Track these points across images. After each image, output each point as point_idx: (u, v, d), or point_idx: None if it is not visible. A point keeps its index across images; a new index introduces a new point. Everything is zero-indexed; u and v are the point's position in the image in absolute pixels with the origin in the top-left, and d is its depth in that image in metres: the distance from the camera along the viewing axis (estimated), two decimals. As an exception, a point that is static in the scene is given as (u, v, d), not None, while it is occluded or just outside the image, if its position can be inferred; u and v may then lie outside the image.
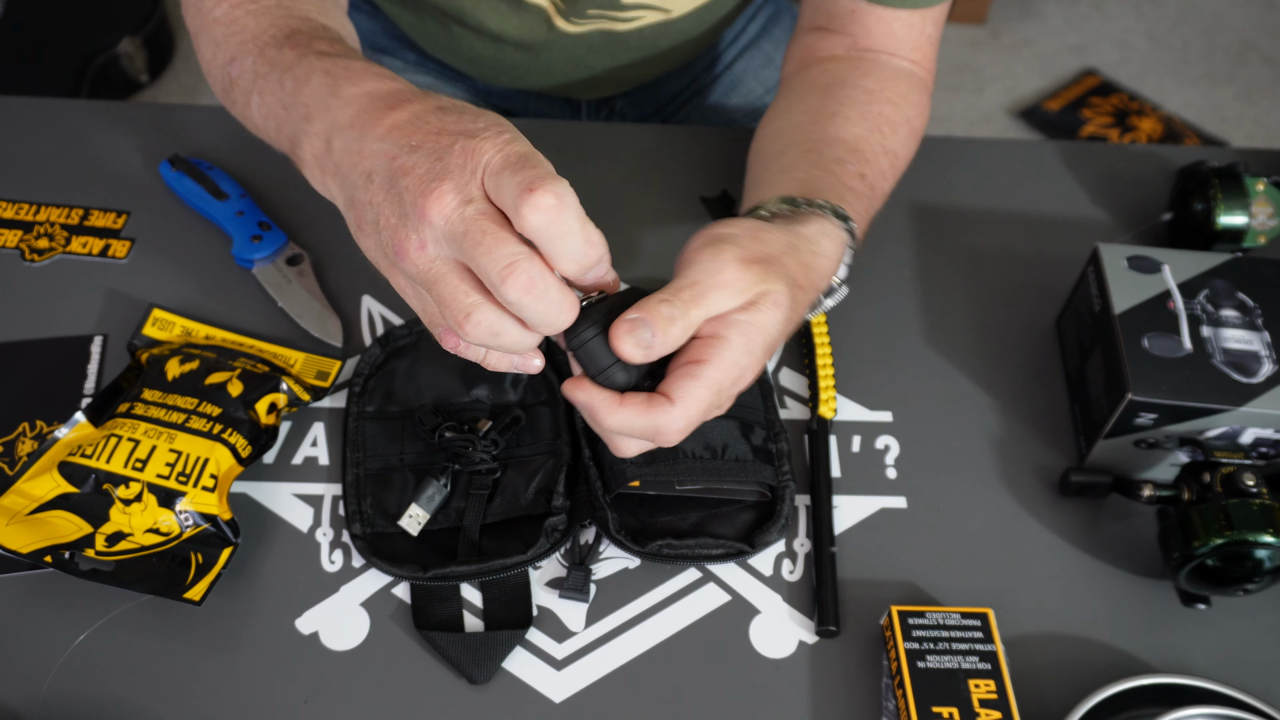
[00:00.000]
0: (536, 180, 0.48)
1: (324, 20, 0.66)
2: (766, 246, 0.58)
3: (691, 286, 0.54)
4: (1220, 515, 0.64)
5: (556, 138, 0.91)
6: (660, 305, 0.53)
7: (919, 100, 0.77)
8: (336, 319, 0.78)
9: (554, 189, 0.48)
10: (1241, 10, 2.36)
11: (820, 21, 0.80)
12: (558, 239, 0.49)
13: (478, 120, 0.52)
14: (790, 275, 0.58)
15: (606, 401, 0.55)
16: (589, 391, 0.55)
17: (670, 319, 0.53)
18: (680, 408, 0.54)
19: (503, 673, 0.65)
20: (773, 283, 0.56)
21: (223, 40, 0.66)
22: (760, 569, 0.69)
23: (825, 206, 0.64)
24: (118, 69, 2.03)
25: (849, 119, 0.72)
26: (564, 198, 0.48)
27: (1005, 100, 2.18)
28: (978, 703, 0.60)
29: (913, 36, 0.77)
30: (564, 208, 0.48)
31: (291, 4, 0.66)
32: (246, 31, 0.65)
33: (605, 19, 0.87)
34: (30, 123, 0.89)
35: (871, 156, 0.70)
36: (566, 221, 0.48)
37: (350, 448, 0.71)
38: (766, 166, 0.72)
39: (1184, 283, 0.72)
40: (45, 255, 0.81)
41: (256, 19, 0.65)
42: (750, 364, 0.56)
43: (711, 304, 0.55)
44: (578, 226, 0.49)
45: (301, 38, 0.62)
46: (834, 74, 0.76)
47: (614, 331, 0.53)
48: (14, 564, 0.66)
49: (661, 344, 0.53)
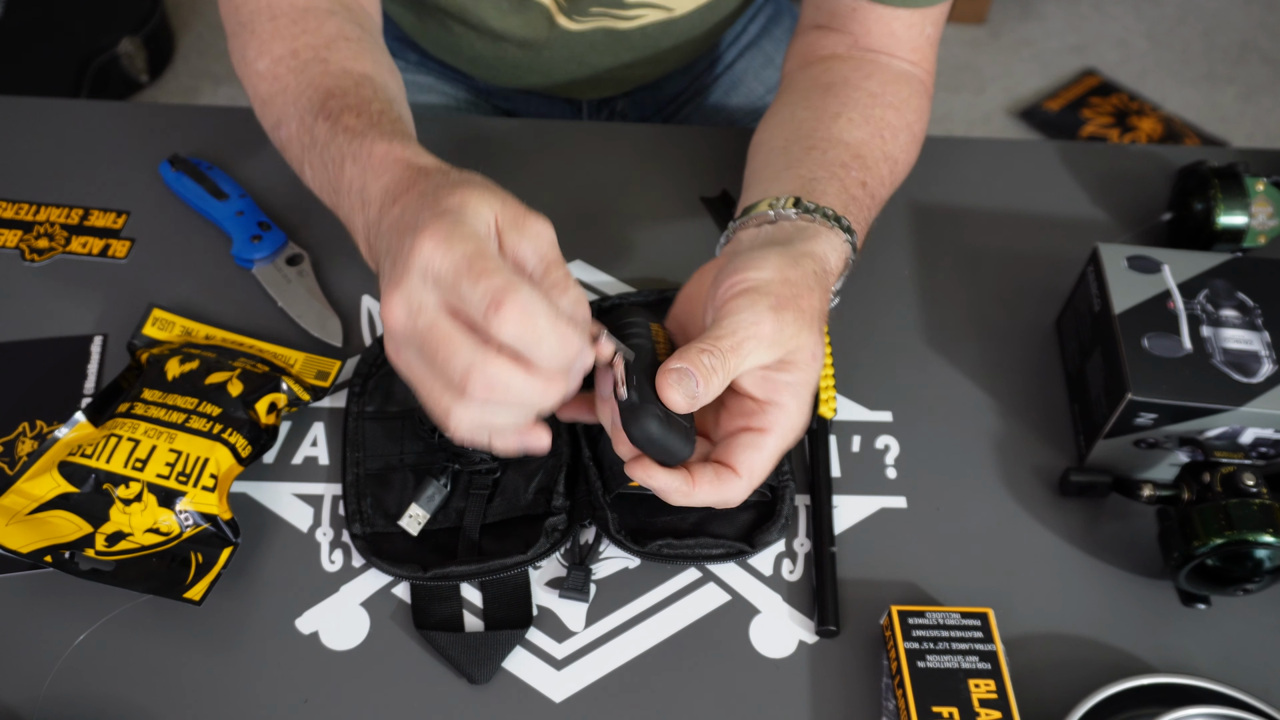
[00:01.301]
0: (500, 294, 0.49)
1: (358, 66, 0.68)
2: (795, 290, 0.59)
3: (731, 336, 0.56)
4: (1220, 515, 0.64)
5: (557, 137, 0.91)
6: (701, 355, 0.54)
7: (919, 105, 0.77)
8: (336, 319, 0.78)
9: (517, 301, 0.49)
10: (1241, 10, 2.36)
11: (821, 20, 0.80)
12: (533, 345, 0.50)
13: (436, 204, 0.53)
14: (817, 314, 0.59)
15: (681, 486, 0.56)
16: (659, 476, 0.56)
17: (712, 369, 0.54)
18: (746, 479, 0.57)
19: (503, 673, 0.65)
20: (806, 334, 0.58)
21: (268, 99, 0.70)
22: (760, 569, 0.69)
23: (831, 217, 0.64)
24: (118, 69, 2.03)
25: (852, 121, 0.72)
26: (529, 306, 0.49)
27: (1005, 100, 2.18)
28: (978, 703, 0.60)
29: (912, 36, 0.78)
30: (532, 316, 0.49)
31: (329, 54, 0.69)
32: (289, 92, 0.68)
33: (607, 16, 0.87)
34: (30, 123, 0.90)
35: (873, 163, 0.71)
36: (538, 328, 0.50)
37: (350, 448, 0.71)
38: (769, 160, 0.72)
39: (1184, 283, 0.72)
40: (45, 255, 0.81)
41: (296, 76, 0.68)
42: (802, 422, 0.59)
43: (748, 355, 0.56)
44: (549, 327, 0.50)
45: (334, 104, 0.65)
46: (836, 73, 0.76)
47: (660, 381, 0.54)
48: (14, 564, 0.66)
49: (704, 394, 0.54)
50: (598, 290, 0.81)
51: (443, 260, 0.50)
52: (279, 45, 0.70)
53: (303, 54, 0.69)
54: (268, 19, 0.71)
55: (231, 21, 0.74)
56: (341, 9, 0.73)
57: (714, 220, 0.86)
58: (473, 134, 0.88)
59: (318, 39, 0.70)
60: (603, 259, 0.83)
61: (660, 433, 0.54)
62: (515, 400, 0.51)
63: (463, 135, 0.87)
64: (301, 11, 0.71)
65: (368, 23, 0.76)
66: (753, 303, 0.57)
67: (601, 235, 0.84)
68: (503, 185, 0.55)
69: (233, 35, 0.74)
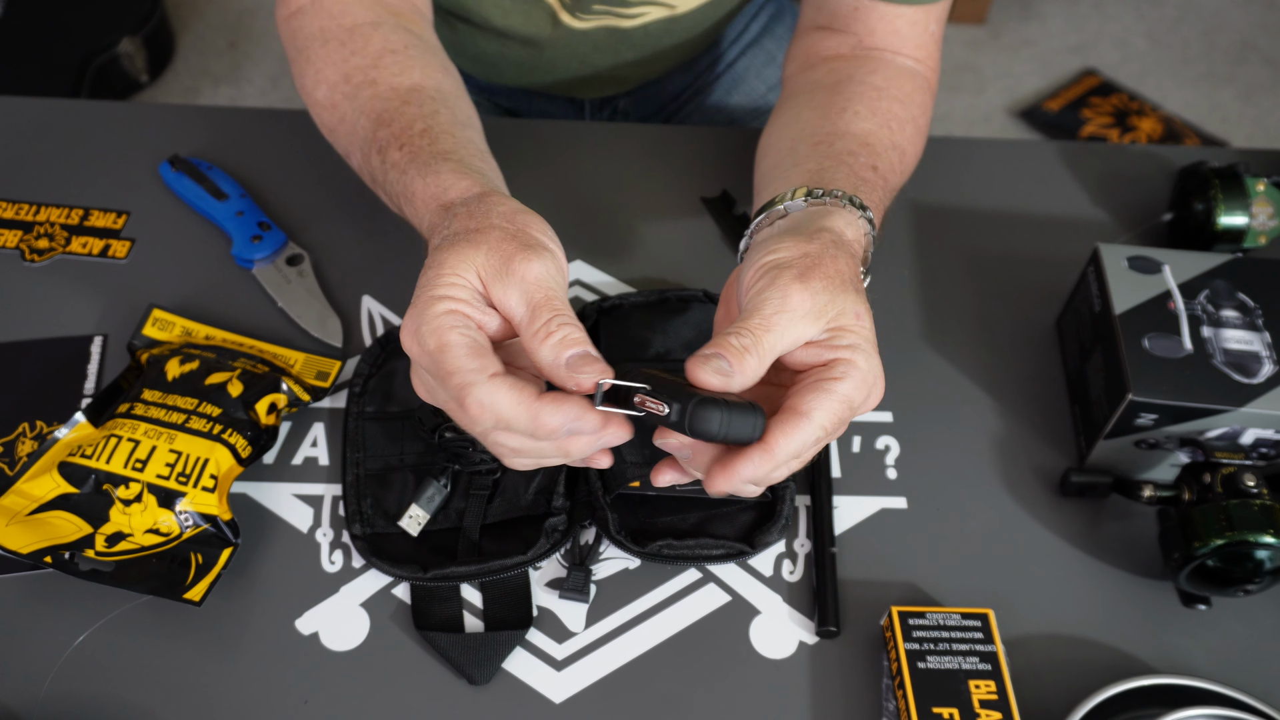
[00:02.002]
0: (459, 394, 0.52)
1: (405, 80, 0.69)
2: (816, 259, 0.57)
3: (758, 313, 0.54)
4: (1221, 516, 0.64)
5: (558, 137, 0.91)
6: (729, 337, 0.53)
7: (923, 100, 0.77)
8: (336, 319, 0.78)
9: (475, 401, 0.51)
10: (1241, 10, 2.36)
11: (822, 21, 0.80)
12: (511, 428, 0.52)
13: (425, 272, 0.55)
14: (847, 277, 0.58)
15: (759, 458, 0.52)
16: (741, 469, 0.52)
17: (743, 349, 0.53)
18: (813, 421, 0.53)
19: (503, 673, 0.64)
20: (842, 295, 0.56)
21: (333, 129, 0.72)
22: (760, 569, 0.69)
23: (843, 196, 0.63)
24: (118, 69, 2.03)
25: (858, 114, 0.72)
26: (486, 402, 0.51)
27: (1005, 100, 2.18)
28: (978, 703, 0.60)
29: (916, 34, 0.77)
30: (491, 409, 0.52)
31: (377, 73, 0.70)
32: (347, 122, 0.70)
33: (611, 14, 0.87)
34: (30, 123, 0.89)
35: (882, 150, 0.70)
36: (504, 416, 0.52)
37: (350, 448, 0.71)
38: (778, 162, 0.72)
39: (1184, 283, 0.72)
40: (45, 255, 0.81)
41: (351, 103, 0.70)
42: (875, 378, 0.55)
43: (784, 329, 0.54)
44: (514, 414, 0.52)
45: (383, 135, 0.66)
46: (840, 72, 0.76)
47: (690, 366, 0.52)
48: (14, 564, 0.66)
49: (740, 371, 0.52)
50: (598, 290, 0.81)
51: (418, 355, 0.54)
52: (332, 71, 0.71)
53: (354, 77, 0.70)
54: (320, 44, 0.72)
55: (290, 48, 0.75)
56: (388, 18, 0.74)
57: (714, 220, 0.86)
58: (473, 134, 0.88)
59: (365, 59, 0.71)
60: (603, 259, 0.83)
61: (721, 415, 0.50)
62: (538, 457, 0.55)
63: (463, 135, 0.87)
64: (349, 32, 0.72)
65: (417, 22, 0.76)
66: (775, 278, 0.55)
67: (601, 235, 0.84)
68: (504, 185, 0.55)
69: (292, 61, 0.75)
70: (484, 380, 0.51)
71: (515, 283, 0.54)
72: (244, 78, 2.12)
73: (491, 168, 0.67)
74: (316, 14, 0.73)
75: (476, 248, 0.54)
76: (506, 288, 0.54)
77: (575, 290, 0.81)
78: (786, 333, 0.54)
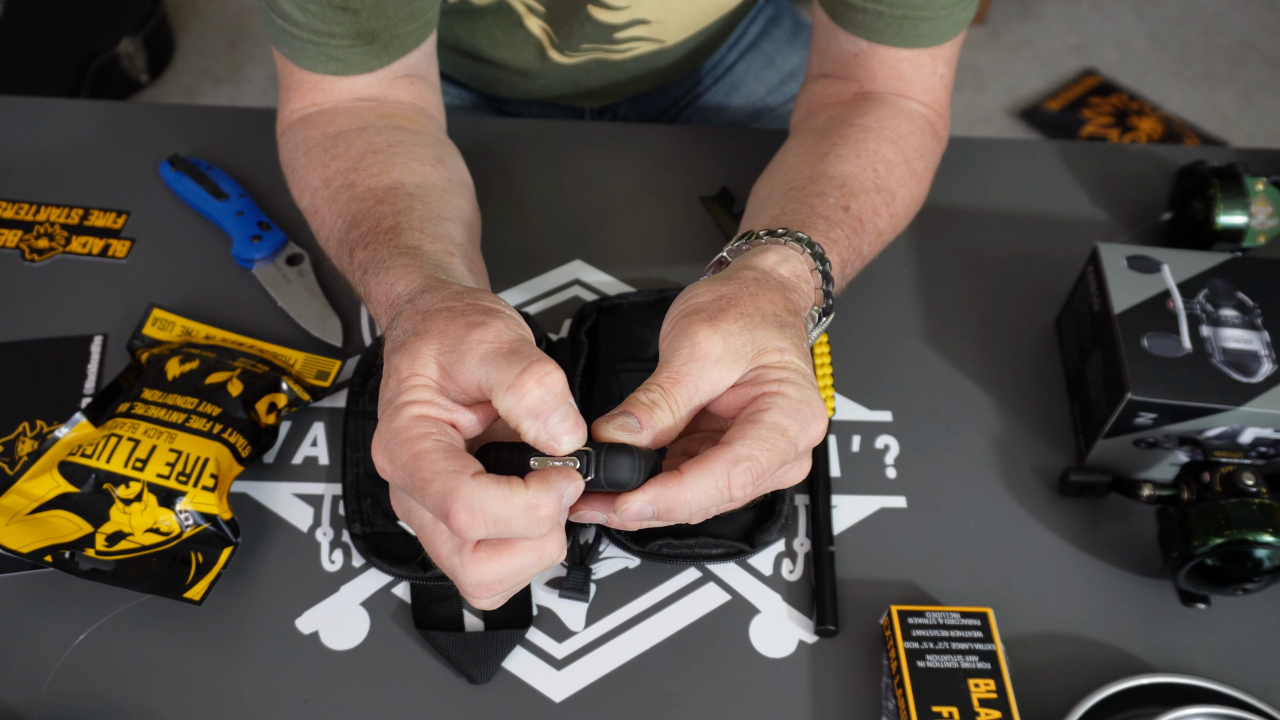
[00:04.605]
0: (443, 503, 0.47)
1: (383, 180, 0.67)
2: (730, 300, 0.55)
3: (667, 368, 0.52)
4: (1220, 515, 0.64)
5: (558, 138, 0.91)
6: (640, 394, 0.52)
7: (922, 144, 0.74)
8: (336, 319, 0.78)
9: (463, 506, 0.47)
10: (1241, 10, 2.36)
11: (826, 68, 0.78)
12: (505, 531, 0.48)
13: (385, 381, 0.52)
14: (768, 314, 0.55)
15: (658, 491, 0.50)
16: (634, 503, 0.50)
17: (652, 404, 0.51)
18: (735, 451, 0.50)
19: (503, 672, 0.65)
20: (760, 331, 0.53)
21: (316, 233, 0.71)
22: (760, 568, 0.69)
23: (784, 235, 0.61)
24: (118, 69, 2.03)
25: (841, 157, 0.69)
26: (474, 505, 0.47)
27: (1005, 100, 2.18)
28: (977, 702, 0.60)
29: (922, 77, 0.74)
30: (480, 513, 0.47)
31: (355, 175, 0.68)
32: (325, 227, 0.69)
33: (599, 50, 0.87)
34: (30, 123, 0.90)
35: (861, 191, 0.67)
36: (497, 517, 0.48)
37: (350, 447, 0.71)
38: (752, 211, 0.70)
39: (1183, 282, 0.72)
40: (45, 255, 0.81)
41: (329, 207, 0.69)
42: (811, 407, 0.52)
43: (698, 378, 0.52)
44: (506, 511, 0.47)
45: (353, 236, 0.64)
46: (835, 116, 0.74)
47: (596, 425, 0.51)
48: (14, 564, 0.66)
49: (650, 426, 0.51)
50: (597, 290, 0.81)
51: (391, 473, 0.50)
52: (313, 177, 0.70)
53: (334, 181, 0.69)
54: (303, 153, 0.72)
55: (283, 164, 0.75)
56: (376, 120, 0.72)
57: (713, 220, 0.86)
58: (475, 134, 0.88)
59: (345, 162, 0.69)
60: (603, 259, 0.83)
61: (618, 464, 0.49)
62: (523, 580, 0.51)
63: (465, 135, 0.87)
64: (332, 139, 0.71)
65: (416, 119, 0.74)
66: (685, 326, 0.53)
67: (601, 235, 0.84)
68: (504, 185, 0.55)
69: (286, 178, 0.75)
70: (467, 480, 0.47)
71: (470, 358, 0.50)
72: (244, 78, 2.12)
73: (464, 259, 0.64)
74: (304, 126, 0.73)
75: (427, 340, 0.51)
76: (462, 364, 0.50)
77: (575, 290, 0.81)
78: (702, 381, 0.52)
